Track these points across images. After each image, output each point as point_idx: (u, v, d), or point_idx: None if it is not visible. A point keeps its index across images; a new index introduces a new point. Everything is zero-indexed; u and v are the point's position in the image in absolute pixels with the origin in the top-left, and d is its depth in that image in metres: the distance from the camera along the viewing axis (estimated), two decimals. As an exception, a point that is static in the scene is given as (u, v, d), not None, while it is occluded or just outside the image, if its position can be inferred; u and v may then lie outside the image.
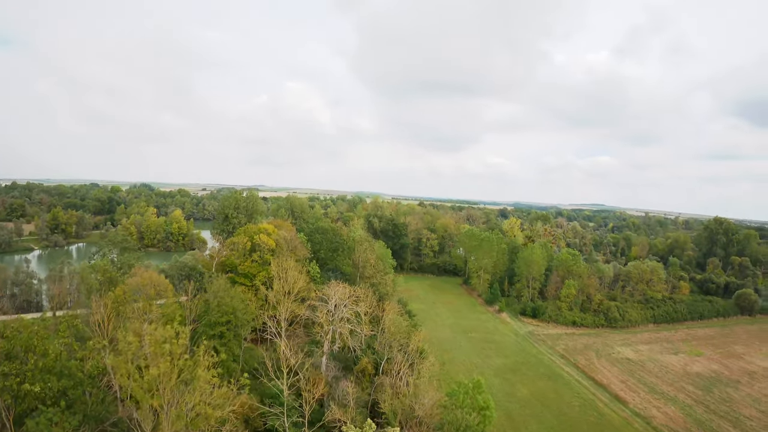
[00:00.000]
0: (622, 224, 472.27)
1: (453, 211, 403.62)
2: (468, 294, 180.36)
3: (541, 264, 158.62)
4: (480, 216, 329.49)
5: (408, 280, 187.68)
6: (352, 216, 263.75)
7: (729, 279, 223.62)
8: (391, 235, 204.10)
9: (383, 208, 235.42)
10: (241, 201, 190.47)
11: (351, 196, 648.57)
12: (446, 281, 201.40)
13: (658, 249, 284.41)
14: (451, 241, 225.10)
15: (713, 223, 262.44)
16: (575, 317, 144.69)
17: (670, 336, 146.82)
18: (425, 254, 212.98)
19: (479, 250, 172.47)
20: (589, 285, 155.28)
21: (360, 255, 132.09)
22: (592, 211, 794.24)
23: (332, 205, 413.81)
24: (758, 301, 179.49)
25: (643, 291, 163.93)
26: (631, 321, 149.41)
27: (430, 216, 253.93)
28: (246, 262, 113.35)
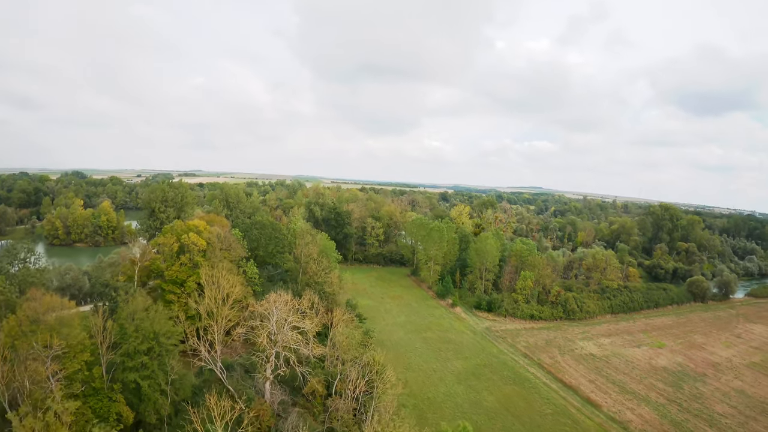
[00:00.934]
0: (564, 208, 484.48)
1: (395, 195, 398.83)
2: (417, 286, 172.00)
3: (494, 254, 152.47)
4: (423, 201, 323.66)
5: (353, 273, 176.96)
6: (292, 203, 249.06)
7: (677, 265, 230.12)
8: (333, 224, 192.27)
9: (324, 195, 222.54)
10: (169, 192, 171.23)
11: (290, 180, 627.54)
12: (393, 272, 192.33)
13: (604, 234, 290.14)
14: (396, 229, 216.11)
15: (659, 209, 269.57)
16: (533, 310, 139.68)
17: (629, 327, 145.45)
18: (370, 244, 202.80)
19: (428, 240, 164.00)
20: (545, 276, 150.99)
21: (302, 249, 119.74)
22: (530, 194, 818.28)
23: (271, 191, 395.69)
24: (710, 287, 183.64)
25: (599, 280, 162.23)
26: (589, 312, 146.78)
27: (373, 203, 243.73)
28: (174, 266, 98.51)
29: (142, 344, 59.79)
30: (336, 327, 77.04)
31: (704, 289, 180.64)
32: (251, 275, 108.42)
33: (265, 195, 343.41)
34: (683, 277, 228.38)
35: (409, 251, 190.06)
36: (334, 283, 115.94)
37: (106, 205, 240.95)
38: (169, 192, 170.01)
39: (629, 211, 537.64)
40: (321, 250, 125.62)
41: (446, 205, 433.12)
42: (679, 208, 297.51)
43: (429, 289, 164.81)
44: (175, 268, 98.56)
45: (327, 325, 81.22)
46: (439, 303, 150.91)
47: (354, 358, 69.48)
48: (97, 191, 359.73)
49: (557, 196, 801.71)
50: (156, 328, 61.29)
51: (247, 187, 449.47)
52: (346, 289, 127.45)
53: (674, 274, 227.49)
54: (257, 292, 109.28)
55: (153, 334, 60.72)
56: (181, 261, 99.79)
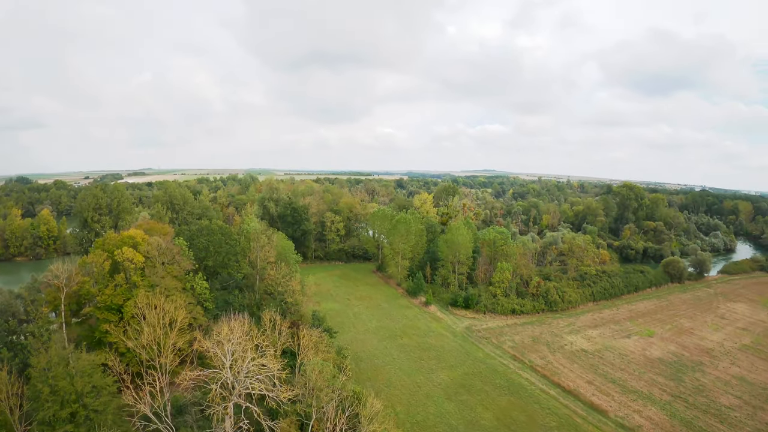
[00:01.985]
0: (523, 190, 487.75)
1: (350, 185, 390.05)
2: (385, 283, 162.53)
3: (467, 246, 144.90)
4: (381, 190, 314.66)
5: (315, 272, 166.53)
6: (245, 200, 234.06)
7: (647, 244, 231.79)
8: (290, 221, 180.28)
9: (279, 189, 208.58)
10: (102, 198, 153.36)
11: (243, 174, 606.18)
12: (357, 269, 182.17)
13: (568, 216, 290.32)
14: (357, 222, 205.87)
15: (624, 188, 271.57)
16: (513, 304, 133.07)
17: (613, 315, 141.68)
18: (330, 240, 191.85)
19: (394, 234, 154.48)
20: (522, 266, 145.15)
21: (257, 253, 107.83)
22: (485, 177, 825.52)
23: (223, 187, 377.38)
24: (686, 267, 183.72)
25: (576, 266, 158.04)
26: (570, 302, 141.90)
27: (331, 195, 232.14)
28: (107, 289, 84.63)
29: (63, 410, 46.99)
30: (305, 352, 66.40)
31: (681, 269, 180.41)
32: (200, 291, 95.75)
33: (216, 192, 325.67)
34: (654, 256, 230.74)
35: (374, 246, 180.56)
36: (297, 291, 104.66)
37: (45, 214, 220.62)
38: (103, 197, 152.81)
39: (586, 190, 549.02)
40: (279, 253, 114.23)
41: (403, 192, 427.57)
42: (642, 187, 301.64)
43: (398, 286, 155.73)
44: (109, 291, 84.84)
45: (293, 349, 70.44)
46: (411, 302, 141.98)
47: (330, 390, 58.88)
48: (40, 197, 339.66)
49: (512, 178, 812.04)
50: (79, 387, 48.46)
51: (197, 183, 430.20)
52: (310, 294, 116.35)
53: (644, 254, 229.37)
54: (208, 309, 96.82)
55: (75, 394, 47.92)
56: (116, 282, 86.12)
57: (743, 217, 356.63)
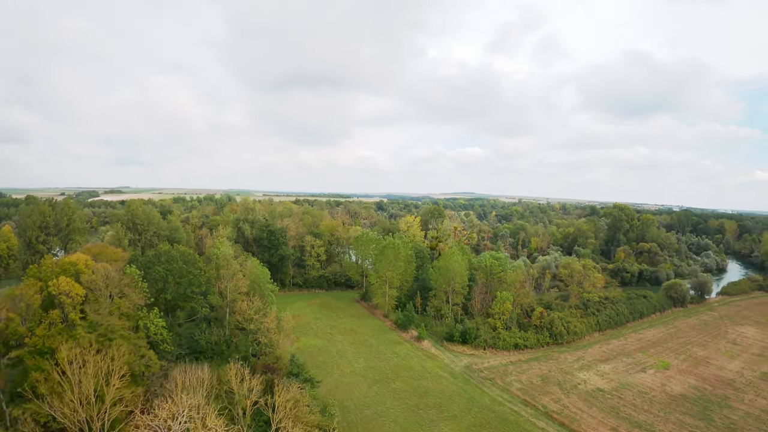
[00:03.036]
0: (506, 212, 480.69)
1: (330, 206, 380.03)
2: (370, 314, 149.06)
3: (463, 273, 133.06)
4: (363, 212, 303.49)
5: (293, 301, 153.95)
6: (219, 221, 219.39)
7: (642, 267, 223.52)
8: (266, 245, 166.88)
9: (255, 210, 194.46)
10: (50, 215, 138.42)
11: (220, 195, 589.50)
12: (340, 297, 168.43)
13: (557, 239, 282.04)
14: (339, 246, 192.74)
15: (615, 210, 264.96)
16: (516, 339, 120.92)
17: (622, 345, 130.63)
18: (310, 265, 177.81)
19: (381, 260, 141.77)
20: (523, 294, 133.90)
21: (227, 283, 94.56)
22: (465, 200, 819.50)
23: (198, 207, 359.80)
24: (689, 291, 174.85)
25: (579, 293, 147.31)
26: (576, 333, 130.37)
27: (310, 217, 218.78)
28: (38, 328, 70.41)
29: None
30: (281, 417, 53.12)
31: (683, 293, 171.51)
32: (156, 331, 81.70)
33: (190, 211, 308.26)
34: (649, 279, 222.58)
35: (358, 273, 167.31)
36: (272, 330, 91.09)
37: (6, 230, 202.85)
38: (51, 214, 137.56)
39: (569, 212, 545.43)
40: (253, 282, 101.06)
41: (384, 214, 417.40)
42: (632, 208, 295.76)
43: (385, 317, 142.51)
44: (40, 331, 70.24)
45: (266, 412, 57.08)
46: (401, 336, 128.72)
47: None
48: (9, 213, 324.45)
49: (492, 200, 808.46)
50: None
51: (173, 203, 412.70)
52: (288, 331, 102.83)
53: (640, 277, 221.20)
54: (165, 352, 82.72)
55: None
56: (50, 319, 71.87)
57: (729, 236, 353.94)
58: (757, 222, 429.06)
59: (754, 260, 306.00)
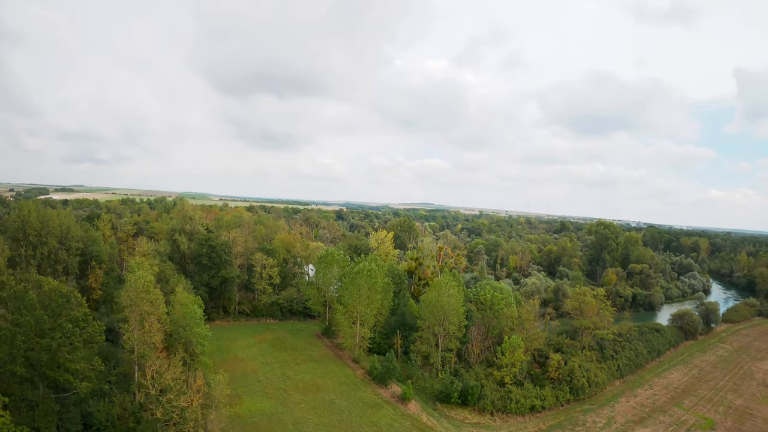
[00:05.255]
0: (472, 226, 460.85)
1: (287, 214, 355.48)
2: (336, 356, 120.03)
3: (459, 310, 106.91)
4: (321, 221, 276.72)
5: (238, 335, 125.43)
6: (157, 229, 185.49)
7: (635, 290, 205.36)
8: (206, 263, 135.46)
9: (194, 219, 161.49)
10: None
11: (173, 197, 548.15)
12: (296, 330, 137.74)
13: (535, 257, 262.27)
14: (297, 266, 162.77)
15: (600, 227, 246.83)
16: (532, 398, 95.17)
17: (651, 397, 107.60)
18: (261, 290, 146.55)
19: (351, 290, 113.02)
20: (535, 338, 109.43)
21: (135, 327, 65.72)
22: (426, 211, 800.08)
23: (149, 212, 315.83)
24: (700, 321, 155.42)
25: (592, 332, 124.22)
26: (597, 384, 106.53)
27: (264, 228, 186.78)
28: None
29: None
30: None
31: (695, 323, 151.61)
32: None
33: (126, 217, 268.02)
34: (643, 304, 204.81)
35: (320, 304, 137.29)
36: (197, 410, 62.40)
37: None
38: None
39: (534, 226, 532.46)
40: (178, 321, 72.27)
41: (345, 224, 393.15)
42: (618, 225, 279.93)
43: (355, 363, 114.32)
44: None
45: None
46: (378, 394, 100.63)
47: None
48: None
49: (453, 212, 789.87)
50: None
51: (120, 204, 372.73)
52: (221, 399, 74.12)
53: (634, 301, 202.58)
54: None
55: None
56: None
57: (704, 255, 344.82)
58: (725, 240, 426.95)
59: (736, 281, 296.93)
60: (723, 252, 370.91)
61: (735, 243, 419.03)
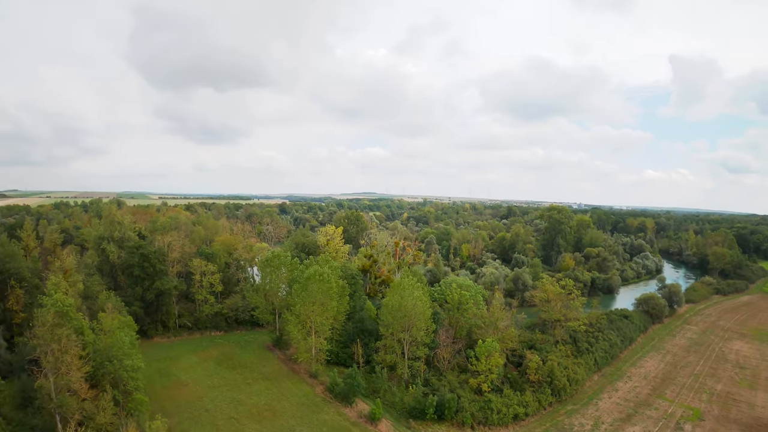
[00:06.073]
0: (418, 214, 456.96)
1: (229, 211, 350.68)
2: (290, 371, 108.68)
3: (426, 313, 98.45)
4: (262, 215, 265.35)
5: (179, 354, 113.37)
6: (87, 236, 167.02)
7: (593, 275, 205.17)
8: (139, 274, 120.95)
9: (124, 224, 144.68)
10: None
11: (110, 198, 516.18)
12: (244, 344, 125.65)
13: (487, 244, 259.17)
14: (241, 270, 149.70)
15: (554, 212, 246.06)
16: (514, 405, 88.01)
17: (633, 390, 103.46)
18: (202, 300, 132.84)
19: (304, 298, 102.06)
20: (509, 338, 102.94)
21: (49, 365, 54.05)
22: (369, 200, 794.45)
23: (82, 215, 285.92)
24: (666, 304, 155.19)
25: (564, 325, 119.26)
26: (577, 381, 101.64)
27: (203, 228, 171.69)
28: None
29: None
30: None
31: (661, 307, 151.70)
32: None
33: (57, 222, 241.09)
34: (602, 288, 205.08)
35: (267, 311, 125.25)
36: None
37: None
38: None
39: (480, 212, 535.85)
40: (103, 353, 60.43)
41: (287, 218, 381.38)
42: (569, 209, 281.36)
43: (313, 378, 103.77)
44: None
45: None
46: (343, 415, 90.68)
47: None
48: None
49: (396, 200, 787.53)
50: None
51: (53, 209, 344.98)
52: None
53: (593, 286, 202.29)
54: None
55: None
56: None
57: (651, 235, 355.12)
58: (669, 219, 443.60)
59: (686, 259, 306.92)
60: (669, 231, 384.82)
61: (678, 222, 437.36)
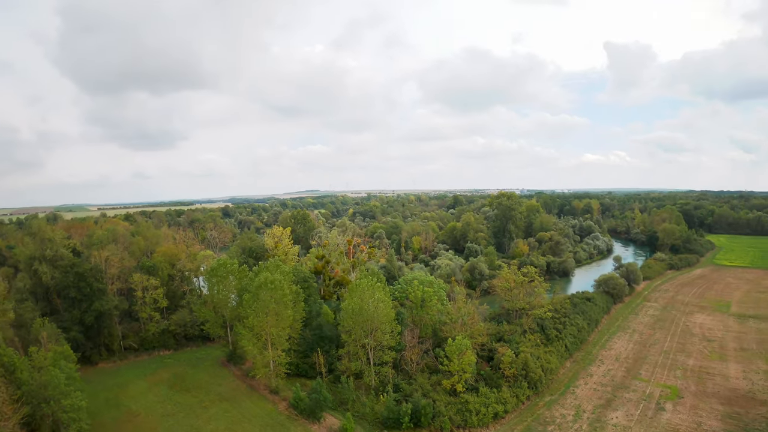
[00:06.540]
0: (364, 209, 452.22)
1: (171, 218, 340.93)
2: (249, 388, 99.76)
3: (389, 314, 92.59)
4: (205, 219, 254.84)
5: (127, 381, 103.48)
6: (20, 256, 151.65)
7: (548, 258, 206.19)
8: (75, 296, 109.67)
9: (55, 241, 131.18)
10: None
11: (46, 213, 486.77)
12: (197, 362, 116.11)
13: (438, 235, 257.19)
14: (185, 282, 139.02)
15: (504, 198, 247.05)
16: (492, 404, 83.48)
17: (607, 373, 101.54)
18: (147, 318, 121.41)
19: (256, 308, 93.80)
20: (479, 333, 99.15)
21: None
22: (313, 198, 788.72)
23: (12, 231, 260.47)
24: (625, 284, 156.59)
25: (527, 312, 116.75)
26: (551, 371, 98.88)
27: (143, 239, 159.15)
28: None
29: None
30: None
31: (621, 286, 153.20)
32: None
33: None
34: (557, 271, 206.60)
35: (218, 324, 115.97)
36: None
37: None
38: None
39: (426, 203, 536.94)
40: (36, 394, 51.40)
41: (231, 221, 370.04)
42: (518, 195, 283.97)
43: (274, 394, 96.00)
44: None
45: None
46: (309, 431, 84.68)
47: None
48: None
49: (341, 197, 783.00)
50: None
51: None
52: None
53: (548, 270, 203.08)
54: None
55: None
56: None
57: (597, 216, 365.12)
58: (612, 199, 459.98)
59: (634, 237, 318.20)
60: (615, 211, 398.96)
61: (621, 201, 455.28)
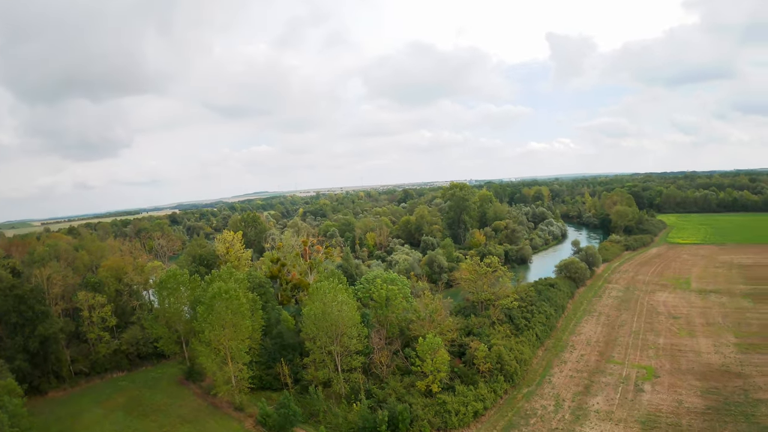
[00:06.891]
0: (314, 208, 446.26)
1: (117, 229, 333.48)
2: (213, 407, 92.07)
3: (355, 317, 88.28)
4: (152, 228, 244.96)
5: (80, 410, 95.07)
6: None
7: (505, 247, 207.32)
8: (17, 321, 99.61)
9: None
10: None
11: None
12: (153, 383, 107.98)
13: (393, 230, 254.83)
14: (135, 296, 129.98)
15: (457, 189, 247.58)
16: (472, 403, 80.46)
17: (581, 359, 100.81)
18: (96, 338, 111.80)
19: (212, 321, 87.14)
20: (449, 330, 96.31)
21: None
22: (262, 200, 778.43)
23: None
24: (586, 267, 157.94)
25: (493, 302, 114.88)
26: (526, 362, 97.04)
27: (87, 254, 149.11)
28: None
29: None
30: None
31: (583, 270, 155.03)
32: None
33: None
34: (515, 259, 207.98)
35: (171, 339, 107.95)
36: None
37: None
38: None
39: (375, 198, 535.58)
40: None
41: (180, 228, 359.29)
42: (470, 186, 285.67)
43: (240, 411, 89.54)
44: None
45: None
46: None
47: None
48: None
49: (290, 197, 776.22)
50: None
51: None
52: None
53: (506, 258, 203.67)
54: None
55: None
56: None
57: (548, 201, 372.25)
58: (561, 185, 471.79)
59: (586, 221, 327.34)
60: (565, 196, 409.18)
61: (569, 187, 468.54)
